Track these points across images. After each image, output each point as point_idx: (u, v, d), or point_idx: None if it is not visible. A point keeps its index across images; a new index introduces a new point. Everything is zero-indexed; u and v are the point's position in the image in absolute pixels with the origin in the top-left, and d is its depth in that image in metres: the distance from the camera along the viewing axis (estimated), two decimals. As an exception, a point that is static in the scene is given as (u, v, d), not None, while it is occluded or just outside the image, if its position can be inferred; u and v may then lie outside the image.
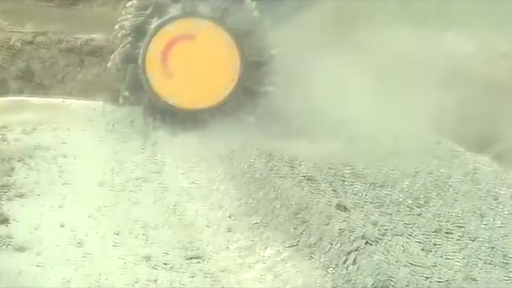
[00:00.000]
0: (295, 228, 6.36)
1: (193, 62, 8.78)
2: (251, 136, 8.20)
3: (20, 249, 6.03)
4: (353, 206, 6.74)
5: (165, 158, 8.34)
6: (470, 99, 8.70)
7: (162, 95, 8.87)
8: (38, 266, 5.78)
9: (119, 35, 8.96)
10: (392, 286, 5.22)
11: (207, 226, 6.77)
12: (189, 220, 6.88)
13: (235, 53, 8.78)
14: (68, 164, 8.07)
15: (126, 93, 9.02)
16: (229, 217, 6.94)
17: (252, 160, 7.87)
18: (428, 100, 8.51)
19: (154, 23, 8.78)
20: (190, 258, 6.10)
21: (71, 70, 11.35)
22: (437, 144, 8.43)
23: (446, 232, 6.21)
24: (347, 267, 5.58)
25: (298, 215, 6.50)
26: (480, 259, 5.72)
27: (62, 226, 6.57)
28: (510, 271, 5.46)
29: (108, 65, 9.18)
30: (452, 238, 6.11)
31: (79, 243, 6.24)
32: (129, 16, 8.93)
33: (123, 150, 8.55)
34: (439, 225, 6.37)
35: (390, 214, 6.63)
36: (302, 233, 6.25)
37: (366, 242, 5.75)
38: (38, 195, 7.25)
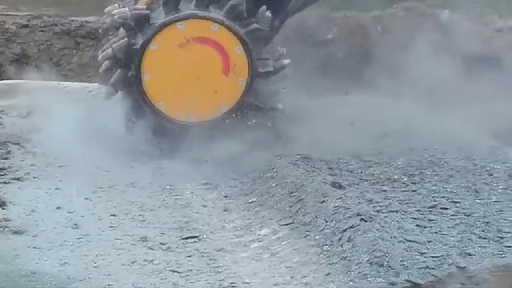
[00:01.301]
0: (291, 207, 6.38)
1: (196, 69, 7.94)
2: None
3: (17, 232, 6.04)
4: (348, 184, 6.76)
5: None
6: (465, 75, 8.72)
7: (155, 101, 7.95)
8: (35, 248, 5.79)
9: (112, 23, 8.02)
10: (387, 262, 5.22)
11: (203, 206, 6.80)
12: (185, 201, 6.91)
13: (244, 64, 7.94)
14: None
15: (111, 89, 8.13)
16: (225, 197, 6.96)
17: (248, 140, 7.88)
18: (422, 76, 8.53)
19: (162, 17, 7.88)
20: (187, 238, 6.12)
21: (66, 53, 11.37)
22: (432, 120, 8.44)
23: (441, 208, 6.22)
24: (342, 244, 5.59)
25: (294, 194, 6.51)
26: (475, 234, 5.72)
27: (58, 208, 6.59)
28: (504, 246, 5.46)
29: (99, 54, 8.19)
30: (447, 214, 6.12)
31: (76, 225, 6.25)
32: (130, 4, 8.03)
33: (119, 132, 8.54)
34: (434, 201, 6.39)
35: (385, 191, 6.65)
36: (297, 212, 6.27)
37: (361, 220, 5.75)
38: (34, 178, 7.28)
